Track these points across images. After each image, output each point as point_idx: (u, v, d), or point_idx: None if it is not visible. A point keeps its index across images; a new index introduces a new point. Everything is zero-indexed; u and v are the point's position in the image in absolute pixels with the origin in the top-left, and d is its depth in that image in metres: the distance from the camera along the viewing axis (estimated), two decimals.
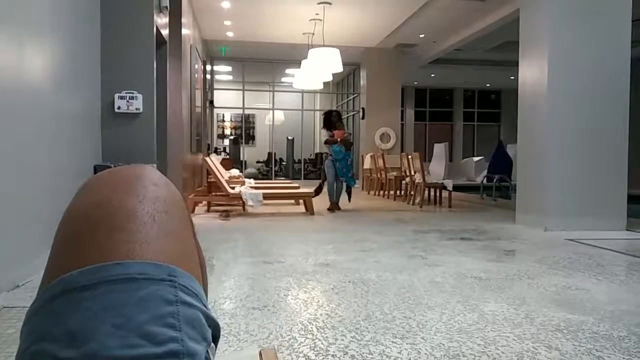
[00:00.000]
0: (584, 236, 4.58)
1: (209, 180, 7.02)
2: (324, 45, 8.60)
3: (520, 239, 4.59)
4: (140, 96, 4.24)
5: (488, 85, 17.95)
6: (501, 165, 8.78)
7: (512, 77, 11.58)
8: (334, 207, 6.90)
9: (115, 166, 0.52)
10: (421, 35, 10.79)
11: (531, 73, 5.38)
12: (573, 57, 5.05)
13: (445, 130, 18.57)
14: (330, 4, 8.22)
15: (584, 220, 4.98)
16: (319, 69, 8.45)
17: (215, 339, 0.47)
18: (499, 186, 8.81)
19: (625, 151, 5.11)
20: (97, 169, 3.82)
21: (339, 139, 6.82)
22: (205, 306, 0.45)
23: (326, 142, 7.04)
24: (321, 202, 7.00)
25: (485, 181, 9.14)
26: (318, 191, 6.93)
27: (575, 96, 5.05)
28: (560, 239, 4.50)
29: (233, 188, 6.55)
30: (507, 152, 8.97)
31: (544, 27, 5.14)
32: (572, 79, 5.05)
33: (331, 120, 7.07)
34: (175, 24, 6.12)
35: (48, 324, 0.40)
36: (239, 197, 6.30)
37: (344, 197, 7.11)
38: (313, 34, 9.48)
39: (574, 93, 5.05)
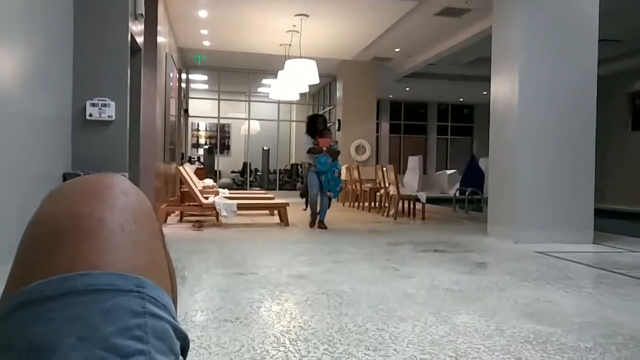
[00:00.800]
0: (553, 249, 4.69)
1: (182, 190, 6.93)
2: (300, 57, 8.64)
3: (491, 251, 4.66)
4: (112, 104, 4.17)
5: (461, 99, 18.29)
6: (473, 179, 8.93)
7: (485, 92, 11.85)
8: (320, 225, 6.11)
9: (85, 174, 0.51)
10: (397, 49, 10.95)
11: (502, 88, 5.51)
12: (543, 73, 5.20)
13: (419, 143, 18.81)
14: (307, 16, 8.27)
15: (553, 233, 5.09)
16: (296, 79, 8.47)
17: (184, 351, 0.46)
18: (471, 199, 8.95)
19: (592, 166, 5.27)
20: (66, 177, 3.73)
21: (324, 148, 6.05)
22: (174, 318, 0.44)
23: (309, 152, 6.17)
24: (296, 213, 6.96)
25: (458, 194, 9.28)
26: (307, 204, 6.35)
27: (544, 112, 5.19)
28: (530, 251, 4.58)
29: (207, 198, 6.48)
30: (480, 166, 9.13)
31: (515, 43, 5.28)
32: (542, 95, 5.19)
33: (316, 126, 6.26)
34: (150, 31, 6.06)
35: (9, 336, 0.38)
36: (212, 207, 6.23)
37: (331, 212, 6.43)
38: (290, 45, 9.52)
39: (543, 109, 5.19)
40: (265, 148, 14.94)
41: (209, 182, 8.28)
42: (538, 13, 5.19)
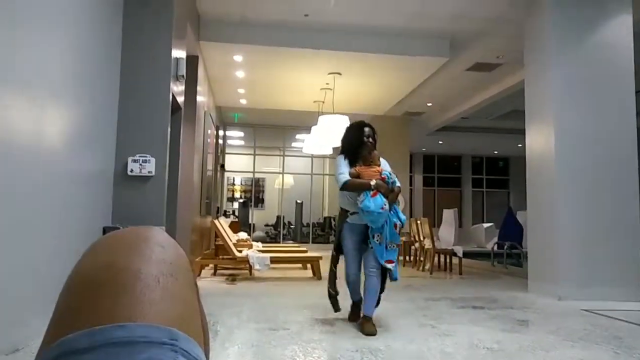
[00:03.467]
0: (599, 306, 4.44)
1: (217, 243, 7.00)
2: (333, 113, 8.83)
3: (533, 308, 4.46)
4: (153, 160, 4.33)
5: (496, 152, 18.12)
6: (512, 232, 8.69)
7: (520, 145, 11.73)
8: (364, 323, 3.38)
9: (124, 228, 0.53)
10: (429, 104, 11.06)
11: (538, 142, 5.45)
12: (578, 126, 5.13)
13: (454, 196, 18.57)
14: (340, 74, 8.52)
15: (598, 289, 4.85)
16: (329, 134, 8.63)
17: None
18: (510, 253, 8.67)
19: (637, 218, 5.06)
20: (106, 230, 3.84)
21: (373, 182, 3.42)
22: None
23: (344, 188, 3.52)
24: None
25: (496, 248, 9.01)
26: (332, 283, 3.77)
27: (582, 164, 5.08)
28: (575, 308, 4.36)
29: (240, 251, 6.51)
30: (517, 219, 8.90)
31: (548, 97, 5.26)
32: (579, 148, 5.10)
33: (360, 142, 3.65)
34: (190, 91, 6.35)
35: None
36: (246, 260, 6.24)
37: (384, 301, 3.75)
38: (323, 102, 9.76)
39: (581, 162, 5.08)
40: (298, 201, 15.05)
41: (243, 235, 8.35)
42: (570, 66, 5.19)
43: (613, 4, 5.28)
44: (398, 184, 3.57)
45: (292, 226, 15.37)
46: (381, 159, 3.69)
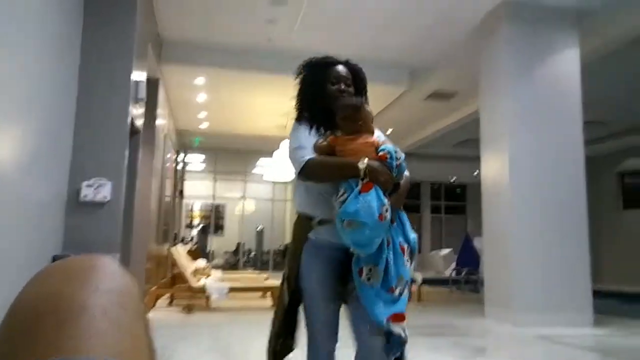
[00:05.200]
0: (553, 332, 4.55)
1: (173, 271, 6.81)
2: None
3: (490, 335, 4.52)
4: (109, 184, 4.20)
5: (454, 178, 18.60)
6: (469, 258, 8.84)
7: (476, 173, 12.11)
8: None
9: (74, 256, 0.50)
10: (388, 132, 11.31)
11: (492, 169, 5.62)
12: (531, 154, 5.32)
13: (413, 222, 18.80)
14: None
15: (552, 315, 4.96)
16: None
17: None
18: (467, 279, 8.81)
19: (587, 246, 5.25)
20: (55, 258, 3.66)
21: (361, 164, 1.67)
22: None
23: (306, 174, 1.80)
24: None
25: (454, 274, 9.14)
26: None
27: (535, 191, 5.25)
28: (530, 335, 4.44)
29: (198, 280, 6.34)
30: (474, 245, 9.09)
31: (503, 127, 5.46)
32: (532, 175, 5.28)
33: (326, 93, 1.96)
34: (150, 114, 6.24)
35: None
36: (203, 289, 6.08)
37: None
38: (285, 126, 9.81)
39: (534, 188, 5.26)
40: (259, 228, 14.91)
41: (201, 263, 8.15)
42: (523, 96, 5.41)
43: (562, 38, 5.57)
44: (407, 172, 1.86)
45: (252, 253, 15.17)
46: (376, 130, 1.93)
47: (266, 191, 14.68)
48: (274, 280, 7.20)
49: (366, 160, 1.68)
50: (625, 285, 10.98)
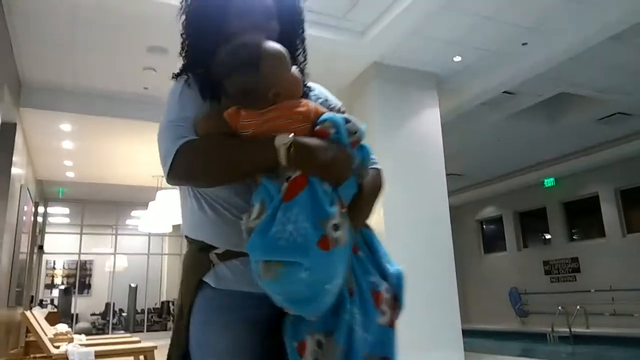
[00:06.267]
0: None
1: (27, 339, 5.97)
2: (174, 188, 8.49)
3: None
4: None
5: None
6: None
7: None
8: None
9: None
10: None
11: (370, 222, 5.85)
12: (404, 206, 5.60)
13: None
14: None
15: (425, 355, 5.16)
16: (168, 211, 8.24)
17: None
18: None
19: (455, 289, 5.62)
20: None
21: (286, 142, 0.98)
22: None
23: (182, 167, 1.12)
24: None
25: None
26: None
27: (408, 241, 5.53)
28: None
29: (58, 347, 5.61)
30: None
31: None
32: (405, 226, 5.57)
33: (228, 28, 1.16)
34: (4, 162, 5.60)
35: None
36: (64, 357, 5.38)
37: None
38: (162, 176, 9.40)
39: (407, 239, 5.54)
40: (132, 285, 13.80)
41: (62, 327, 7.26)
42: (394, 153, 5.74)
43: (425, 99, 6.12)
44: (377, 164, 1.37)
45: (123, 314, 13.93)
46: (314, 86, 1.32)
47: (140, 245, 13.74)
48: (148, 342, 6.64)
49: (291, 135, 0.98)
50: (489, 323, 11.93)
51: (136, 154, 8.63)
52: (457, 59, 5.85)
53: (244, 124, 1.02)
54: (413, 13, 4.83)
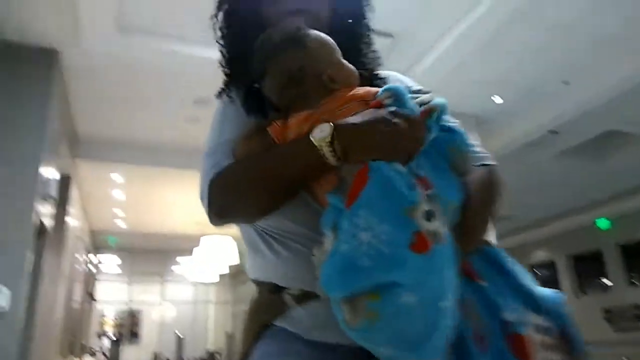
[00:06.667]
0: None
1: None
2: (217, 234, 8.55)
3: None
4: (7, 292, 3.75)
5: None
6: None
7: None
8: None
9: None
10: None
11: None
12: None
13: None
14: None
15: None
16: (213, 258, 8.30)
17: None
18: None
19: None
20: None
21: (323, 134, 0.72)
22: None
23: (216, 190, 0.91)
24: None
25: None
26: None
27: None
28: None
29: None
30: None
31: None
32: None
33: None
34: (60, 214, 5.87)
35: None
36: None
37: None
38: (206, 222, 9.56)
39: None
40: (180, 335, 13.83)
41: None
42: None
43: None
44: (489, 160, 1.10)
45: None
46: (387, 74, 1.07)
47: (187, 293, 13.87)
48: None
49: (327, 125, 0.74)
50: None
51: (180, 202, 8.88)
52: (498, 100, 5.81)
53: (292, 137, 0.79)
54: (452, 55, 4.87)
